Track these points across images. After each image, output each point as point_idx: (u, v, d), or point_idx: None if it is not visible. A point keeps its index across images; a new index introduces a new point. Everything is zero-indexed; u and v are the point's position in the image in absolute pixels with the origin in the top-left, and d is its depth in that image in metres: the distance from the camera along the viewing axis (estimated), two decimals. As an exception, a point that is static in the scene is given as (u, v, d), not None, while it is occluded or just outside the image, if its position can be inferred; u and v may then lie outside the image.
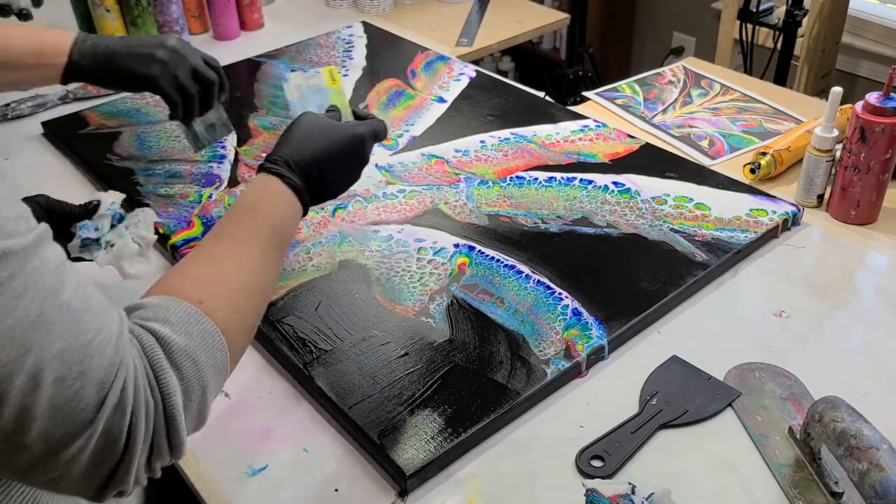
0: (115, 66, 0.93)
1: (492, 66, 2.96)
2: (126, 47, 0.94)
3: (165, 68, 0.93)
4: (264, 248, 0.69)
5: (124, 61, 0.93)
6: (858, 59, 2.19)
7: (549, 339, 0.86)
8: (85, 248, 0.85)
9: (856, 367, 0.84)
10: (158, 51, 0.94)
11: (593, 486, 0.67)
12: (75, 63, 0.93)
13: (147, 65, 0.93)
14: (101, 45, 0.94)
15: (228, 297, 0.64)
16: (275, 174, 0.73)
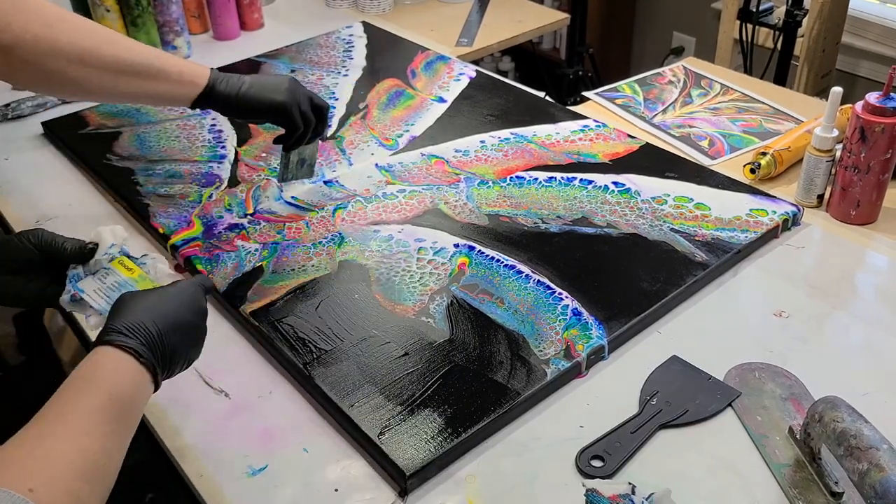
0: (249, 95, 1.01)
1: (492, 66, 2.96)
2: (256, 80, 1.03)
3: (294, 96, 1.03)
4: (103, 422, 0.60)
5: (257, 90, 1.02)
6: (858, 59, 2.19)
7: (549, 339, 0.86)
8: (76, 304, 0.76)
9: (856, 367, 0.85)
10: (285, 82, 1.04)
11: (593, 486, 0.67)
12: (212, 87, 1.00)
13: (278, 93, 1.02)
14: (234, 77, 1.02)
15: (64, 482, 0.55)
16: (107, 343, 0.65)
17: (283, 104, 1.02)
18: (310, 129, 1.07)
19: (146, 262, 0.78)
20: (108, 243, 0.78)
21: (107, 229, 0.79)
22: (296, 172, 1.12)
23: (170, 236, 1.04)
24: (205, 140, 1.27)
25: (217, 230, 1.05)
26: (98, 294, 0.75)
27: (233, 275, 0.97)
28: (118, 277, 0.76)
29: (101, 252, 0.77)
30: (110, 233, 0.79)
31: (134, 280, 0.76)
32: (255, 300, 0.93)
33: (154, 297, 0.70)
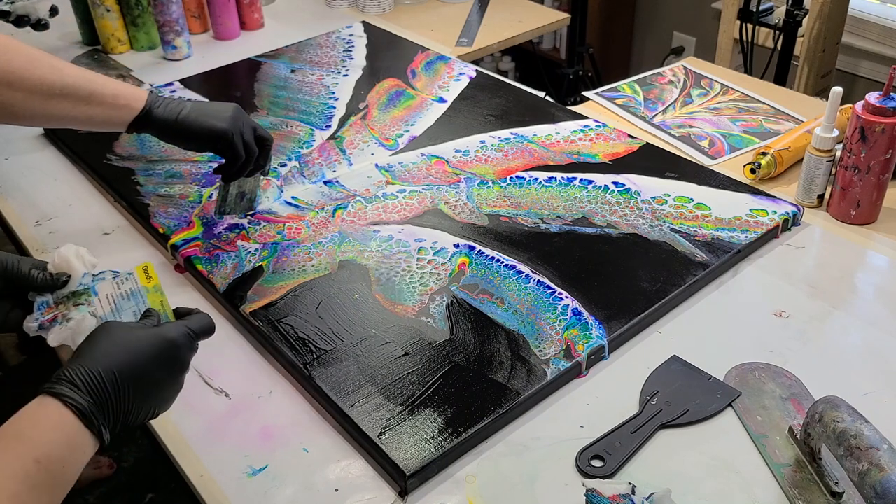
0: (189, 121, 0.98)
1: (492, 66, 2.96)
2: (197, 106, 1.00)
3: (236, 124, 0.99)
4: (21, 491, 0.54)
5: (197, 115, 0.99)
6: (858, 59, 2.19)
7: (549, 339, 0.86)
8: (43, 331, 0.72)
9: (856, 367, 0.84)
10: (228, 109, 1.00)
11: (593, 486, 0.67)
12: (148, 110, 0.97)
13: (220, 119, 0.99)
14: (174, 101, 0.99)
15: None
16: (52, 394, 0.59)
17: (225, 131, 0.98)
18: (252, 160, 1.02)
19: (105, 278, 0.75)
20: (80, 273, 0.73)
21: (72, 252, 0.74)
22: (234, 206, 1.07)
23: (170, 236, 1.04)
24: (205, 140, 1.27)
25: (217, 230, 1.05)
26: (108, 300, 0.72)
27: (233, 275, 0.97)
28: (134, 285, 0.72)
29: (75, 284, 0.73)
30: (77, 258, 0.74)
31: (146, 289, 0.72)
32: (255, 300, 0.93)
33: (126, 343, 0.63)
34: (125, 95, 0.97)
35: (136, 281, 0.73)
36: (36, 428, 0.58)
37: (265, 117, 1.33)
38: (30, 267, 0.72)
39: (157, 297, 0.72)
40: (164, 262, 1.04)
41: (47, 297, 0.73)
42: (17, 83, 0.90)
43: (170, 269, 1.03)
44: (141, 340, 0.64)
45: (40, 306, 0.73)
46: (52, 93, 0.92)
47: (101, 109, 0.96)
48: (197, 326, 0.69)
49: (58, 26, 1.64)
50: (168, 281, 1.01)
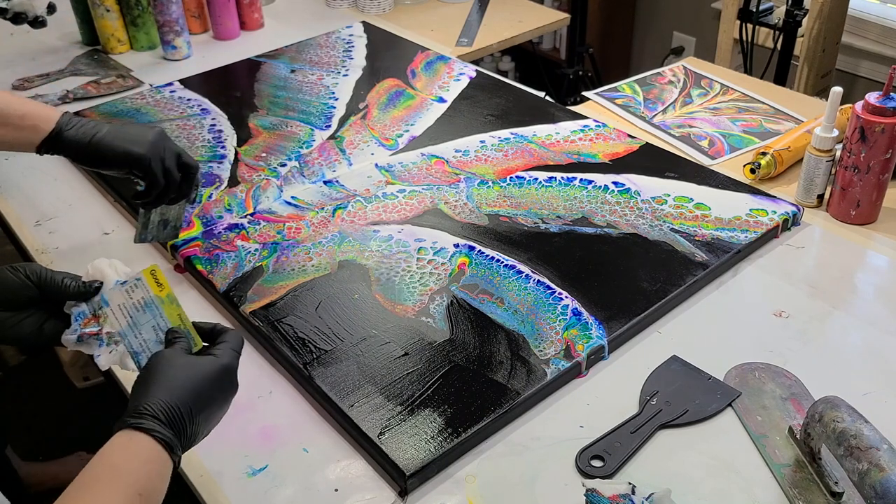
0: (103, 143, 0.94)
1: (492, 66, 2.96)
2: (114, 128, 0.95)
3: (156, 150, 0.95)
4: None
5: (113, 138, 0.94)
6: (858, 59, 2.19)
7: (549, 339, 0.86)
8: (83, 343, 0.72)
9: (856, 367, 0.84)
10: (148, 133, 0.95)
11: (593, 486, 0.67)
12: (58, 132, 0.93)
13: (138, 144, 0.94)
14: (89, 123, 0.95)
15: None
16: (142, 430, 0.61)
17: (141, 156, 0.93)
18: (173, 187, 0.98)
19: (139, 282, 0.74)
20: (112, 280, 0.73)
21: (105, 263, 0.74)
22: (157, 234, 1.02)
23: (170, 236, 1.04)
24: (205, 140, 1.27)
25: (217, 230, 1.05)
26: (122, 311, 0.70)
27: (233, 275, 0.97)
28: (146, 293, 0.70)
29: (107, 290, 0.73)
30: (110, 267, 0.73)
31: (161, 300, 0.70)
32: (255, 300, 0.93)
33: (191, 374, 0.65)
34: (33, 116, 0.93)
35: (147, 289, 0.70)
36: (132, 462, 0.60)
37: (265, 117, 1.33)
38: (62, 277, 0.73)
39: (174, 311, 0.70)
40: (165, 264, 1.04)
41: (83, 307, 0.73)
42: None
43: (170, 269, 1.03)
44: (206, 372, 0.66)
45: (77, 317, 0.72)
46: None
47: (7, 130, 0.93)
48: (238, 345, 0.70)
49: (58, 26, 1.65)
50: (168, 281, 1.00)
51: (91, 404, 1.87)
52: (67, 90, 1.45)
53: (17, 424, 1.87)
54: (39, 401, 1.93)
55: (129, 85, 1.49)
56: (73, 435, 1.83)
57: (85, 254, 1.06)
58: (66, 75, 1.54)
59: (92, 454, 0.62)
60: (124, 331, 0.70)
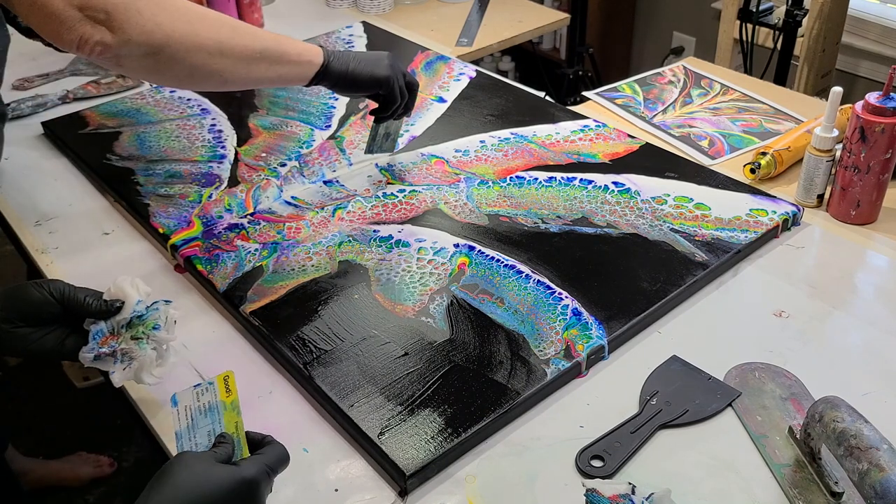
0: (357, 71, 1.06)
1: (492, 66, 2.96)
2: (358, 56, 1.08)
3: (395, 71, 1.09)
4: None
5: (364, 66, 1.07)
6: (858, 59, 2.19)
7: (549, 339, 0.86)
8: (99, 361, 0.74)
9: (856, 367, 0.84)
10: (384, 58, 1.09)
11: (593, 486, 0.67)
12: (327, 65, 1.04)
13: (382, 68, 1.08)
14: (342, 55, 1.07)
15: None
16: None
17: (388, 77, 1.08)
18: (403, 103, 1.13)
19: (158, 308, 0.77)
20: (134, 299, 0.74)
21: (127, 282, 0.75)
22: (381, 145, 1.18)
23: (170, 236, 1.04)
24: (205, 140, 1.27)
25: (217, 230, 1.05)
26: (186, 413, 0.70)
27: (233, 275, 0.97)
28: (212, 398, 0.70)
29: (129, 310, 0.75)
30: (132, 286, 0.75)
31: (224, 406, 0.69)
32: (255, 300, 0.93)
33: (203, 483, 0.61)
34: (306, 53, 1.03)
35: (215, 393, 0.70)
36: None
37: (265, 117, 1.33)
38: (84, 295, 0.74)
39: (232, 418, 0.69)
40: (165, 265, 1.04)
41: (102, 325, 0.74)
42: (227, 51, 0.95)
43: (170, 269, 1.03)
44: (221, 483, 0.62)
45: (95, 335, 0.74)
46: (253, 57, 0.97)
47: (290, 68, 1.02)
48: (274, 461, 0.67)
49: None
50: (168, 281, 1.01)
51: (91, 404, 1.87)
52: (67, 90, 1.45)
53: (17, 424, 1.87)
54: (39, 401, 1.93)
55: (129, 85, 1.49)
56: (73, 435, 1.83)
57: (85, 254, 1.06)
58: (66, 75, 1.54)
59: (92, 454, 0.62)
60: (181, 431, 0.69)
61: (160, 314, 0.77)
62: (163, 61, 0.91)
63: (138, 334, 0.75)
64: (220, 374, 0.71)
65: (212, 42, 0.93)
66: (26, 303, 0.74)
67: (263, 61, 0.98)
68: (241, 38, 0.96)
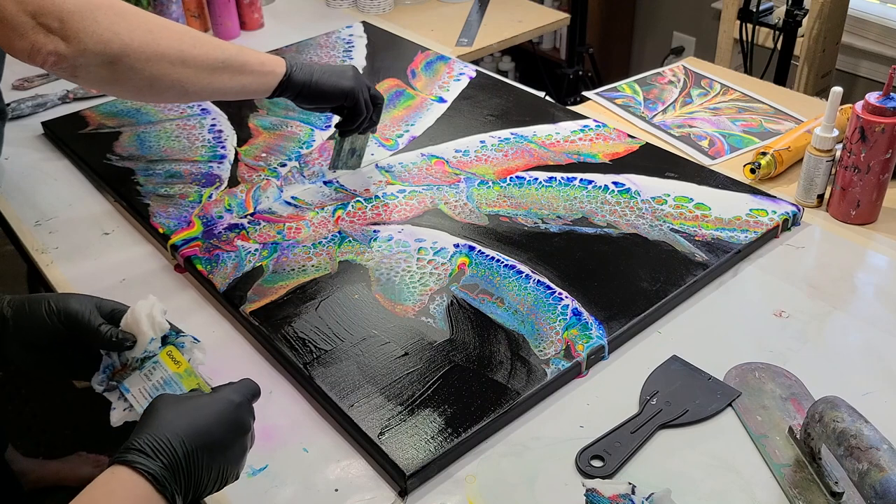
0: (321, 81, 1.05)
1: (492, 66, 2.96)
2: (321, 68, 1.07)
3: (359, 83, 1.08)
4: None
5: (328, 77, 1.06)
6: (858, 59, 2.19)
7: (549, 339, 0.86)
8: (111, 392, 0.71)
9: (856, 367, 0.84)
10: (350, 70, 1.09)
11: (593, 486, 0.67)
12: (290, 75, 1.03)
13: (347, 79, 1.07)
14: (306, 64, 1.06)
15: None
16: (123, 463, 0.58)
17: (352, 89, 1.07)
18: (368, 116, 1.11)
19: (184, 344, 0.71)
20: (147, 339, 0.69)
21: (143, 314, 0.69)
22: (346, 161, 1.16)
23: (170, 236, 1.04)
24: (205, 140, 1.27)
25: (217, 230, 1.05)
26: (143, 394, 0.68)
27: (233, 275, 0.97)
28: (164, 373, 0.68)
29: (140, 350, 0.69)
30: (148, 319, 0.69)
31: (179, 375, 0.68)
32: (255, 300, 0.93)
33: (187, 409, 0.62)
34: (269, 63, 1.02)
35: (165, 369, 0.69)
36: (111, 497, 0.57)
37: (265, 117, 1.33)
38: (100, 323, 0.69)
39: (192, 381, 0.68)
40: (165, 265, 1.04)
41: (114, 358, 0.70)
42: (189, 61, 0.94)
43: (170, 269, 1.03)
44: (202, 405, 0.63)
45: (106, 368, 0.70)
46: (215, 67, 0.96)
47: (253, 78, 1.01)
48: (244, 387, 0.67)
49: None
50: (168, 281, 1.01)
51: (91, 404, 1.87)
52: (68, 90, 1.45)
53: (17, 424, 1.87)
54: (39, 401, 1.93)
55: (129, 85, 1.49)
56: (73, 435, 1.83)
57: (85, 254, 1.06)
58: (66, 75, 1.54)
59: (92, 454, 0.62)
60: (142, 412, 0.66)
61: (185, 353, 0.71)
62: (121, 71, 0.89)
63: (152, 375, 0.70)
64: (162, 351, 0.69)
65: (173, 51, 0.92)
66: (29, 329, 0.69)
67: (226, 71, 0.97)
68: (203, 48, 0.95)
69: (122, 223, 1.13)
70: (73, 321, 0.69)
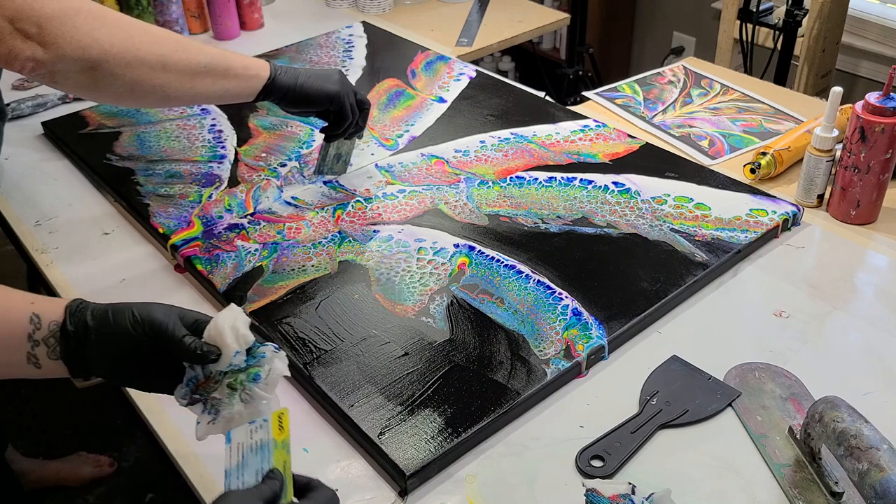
0: (306, 85, 1.04)
1: (492, 66, 2.96)
2: (306, 71, 1.06)
3: (345, 87, 1.07)
4: None
5: (313, 81, 1.05)
6: (858, 59, 2.19)
7: (549, 339, 0.86)
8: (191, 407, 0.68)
9: (856, 367, 0.84)
10: (335, 75, 1.07)
11: (593, 486, 0.67)
12: (273, 79, 1.03)
13: (332, 83, 1.06)
14: (291, 68, 1.05)
15: None
16: None
17: (338, 93, 1.06)
18: (354, 121, 1.10)
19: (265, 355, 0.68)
20: (232, 351, 0.66)
21: (227, 325, 0.66)
22: (332, 166, 1.15)
23: (170, 236, 1.04)
24: (205, 140, 1.27)
25: (217, 230, 1.05)
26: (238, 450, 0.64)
27: (233, 275, 0.97)
28: (266, 435, 0.64)
29: (225, 364, 0.66)
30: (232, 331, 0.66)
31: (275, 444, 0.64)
32: (255, 300, 0.93)
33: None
34: (253, 66, 1.02)
35: (268, 430, 0.64)
36: None
37: (265, 117, 1.33)
38: (184, 334, 0.66)
39: (281, 457, 0.64)
40: (165, 265, 1.04)
41: (197, 370, 0.67)
42: (170, 66, 0.94)
43: (170, 269, 1.03)
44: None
45: (189, 381, 0.67)
46: (197, 71, 0.96)
47: (236, 82, 1.00)
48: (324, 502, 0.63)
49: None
50: (168, 281, 1.01)
51: (91, 404, 1.87)
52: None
53: (17, 424, 1.87)
54: (39, 401, 1.93)
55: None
56: (73, 435, 1.83)
57: (85, 254, 1.06)
58: (66, 75, 1.54)
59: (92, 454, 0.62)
60: (231, 470, 0.64)
61: (264, 364, 0.67)
62: (101, 77, 0.89)
63: (235, 384, 0.67)
64: (276, 412, 0.65)
65: (154, 56, 0.91)
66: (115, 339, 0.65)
67: (208, 76, 0.97)
68: (185, 52, 0.95)
69: (122, 223, 1.13)
70: (157, 332, 0.65)
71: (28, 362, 0.63)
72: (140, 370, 0.67)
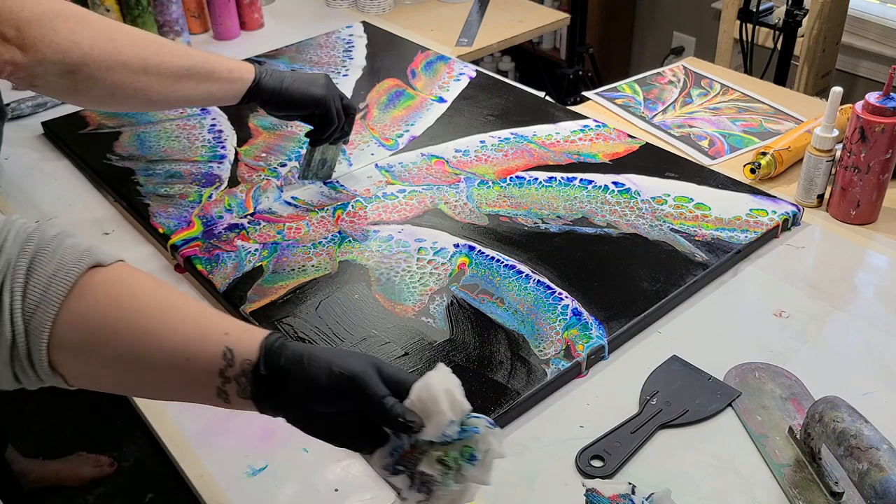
0: (291, 89, 1.03)
1: (492, 66, 2.96)
2: (292, 75, 1.05)
3: (331, 91, 1.06)
4: None
5: (298, 84, 1.04)
6: (858, 59, 2.19)
7: (549, 339, 0.86)
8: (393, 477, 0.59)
9: (856, 367, 0.84)
10: (320, 78, 1.06)
11: (593, 486, 0.67)
12: (258, 82, 1.02)
13: (317, 87, 1.05)
14: (276, 71, 1.04)
15: None
16: None
17: (323, 97, 1.04)
18: (340, 126, 1.09)
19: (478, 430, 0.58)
20: (446, 420, 0.57)
21: (443, 393, 0.57)
22: (316, 171, 1.14)
23: (170, 236, 1.04)
24: (205, 140, 1.27)
25: (217, 230, 1.05)
26: None
27: (233, 275, 0.97)
28: None
29: (436, 433, 0.57)
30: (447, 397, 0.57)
31: None
32: (255, 300, 0.93)
33: None
34: (237, 69, 1.01)
35: None
36: None
37: (265, 117, 1.33)
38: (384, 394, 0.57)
39: None
40: (165, 265, 1.04)
41: (403, 439, 0.59)
42: (151, 69, 0.93)
43: (170, 269, 1.03)
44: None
45: (395, 450, 0.59)
46: (180, 74, 0.95)
47: (220, 85, 0.99)
48: None
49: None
50: (168, 281, 1.01)
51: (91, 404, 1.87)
52: (67, 90, 1.45)
53: (17, 424, 1.87)
54: (39, 401, 1.93)
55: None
56: (73, 435, 1.83)
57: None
58: (66, 75, 1.54)
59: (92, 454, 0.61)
60: None
61: (479, 443, 0.58)
62: (81, 80, 0.88)
63: (448, 461, 0.58)
64: None
65: (135, 59, 0.91)
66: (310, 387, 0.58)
67: (191, 79, 0.96)
68: (168, 56, 0.94)
69: (122, 223, 1.13)
70: (355, 388, 0.57)
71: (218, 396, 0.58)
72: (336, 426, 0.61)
